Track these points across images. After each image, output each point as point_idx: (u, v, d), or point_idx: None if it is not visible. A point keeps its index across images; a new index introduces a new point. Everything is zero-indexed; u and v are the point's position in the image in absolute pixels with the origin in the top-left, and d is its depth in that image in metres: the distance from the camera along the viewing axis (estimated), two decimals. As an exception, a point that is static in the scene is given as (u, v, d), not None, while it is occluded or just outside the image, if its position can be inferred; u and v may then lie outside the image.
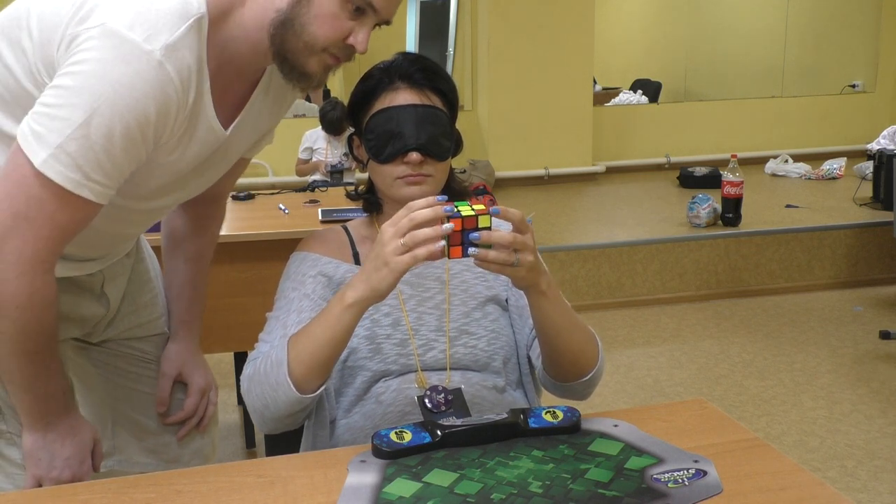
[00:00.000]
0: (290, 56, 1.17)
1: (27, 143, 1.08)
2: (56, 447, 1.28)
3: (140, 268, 1.54)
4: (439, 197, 1.12)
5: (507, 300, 1.46)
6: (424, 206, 1.11)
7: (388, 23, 1.22)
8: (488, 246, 1.12)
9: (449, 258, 1.12)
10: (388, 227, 1.13)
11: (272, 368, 1.23)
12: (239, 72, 1.24)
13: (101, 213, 1.18)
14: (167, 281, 1.59)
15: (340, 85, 7.35)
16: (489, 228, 1.12)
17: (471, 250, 1.11)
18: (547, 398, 1.48)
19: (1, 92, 1.17)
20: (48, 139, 1.07)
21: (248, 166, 1.54)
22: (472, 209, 1.12)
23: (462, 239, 1.11)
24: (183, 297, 1.57)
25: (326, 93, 7.04)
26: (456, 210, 1.11)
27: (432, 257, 1.10)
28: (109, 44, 1.06)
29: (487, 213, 1.12)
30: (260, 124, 1.36)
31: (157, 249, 1.61)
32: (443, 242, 1.10)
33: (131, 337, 1.53)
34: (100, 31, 1.07)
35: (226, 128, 1.25)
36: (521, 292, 1.40)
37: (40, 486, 1.29)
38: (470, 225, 1.11)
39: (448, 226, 1.10)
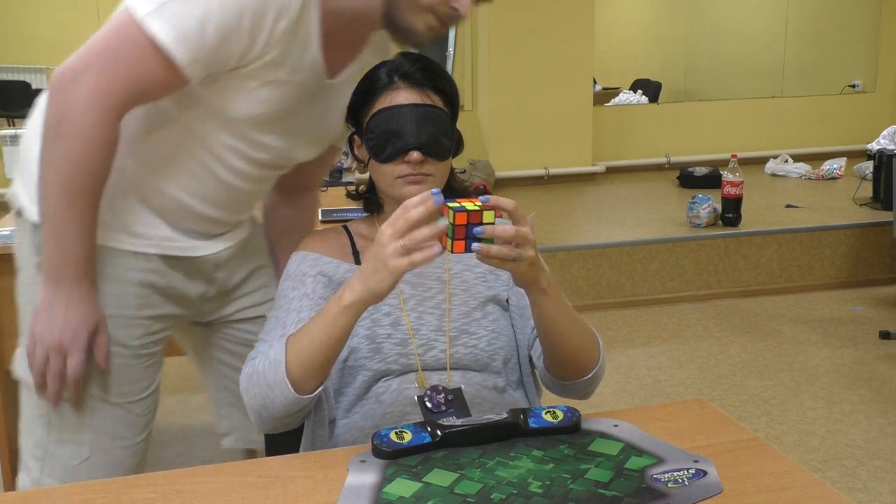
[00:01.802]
0: (397, 13, 1.27)
1: None
2: (58, 310, 1.30)
3: (253, 253, 1.62)
4: (433, 190, 1.12)
5: (507, 300, 1.46)
6: (419, 203, 1.11)
7: None
8: (490, 241, 1.12)
9: (452, 252, 1.12)
10: (387, 229, 1.12)
11: (270, 368, 1.23)
12: (347, 24, 1.34)
13: (218, 158, 1.35)
14: (277, 270, 1.66)
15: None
16: (493, 223, 1.12)
17: (474, 245, 1.11)
18: (547, 398, 1.48)
19: None
20: None
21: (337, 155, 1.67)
22: (475, 205, 1.11)
23: (465, 234, 1.11)
24: None
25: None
26: (459, 205, 1.10)
27: (428, 260, 1.10)
28: None
29: (491, 209, 1.11)
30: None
31: None
32: (438, 247, 1.10)
33: (244, 318, 1.60)
34: None
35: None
36: (522, 292, 1.41)
37: (34, 352, 1.33)
38: (475, 220, 1.11)
39: (443, 221, 1.10)
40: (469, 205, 1.11)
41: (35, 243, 1.35)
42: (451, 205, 1.10)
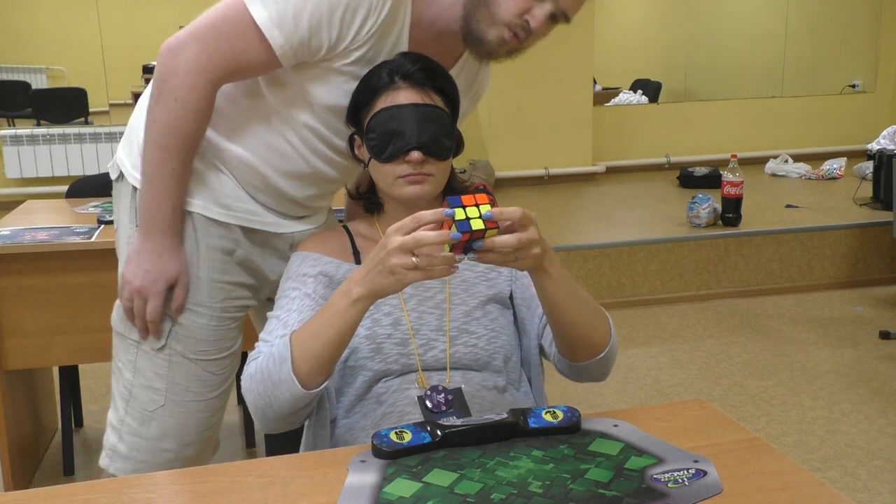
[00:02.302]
0: (474, 23, 1.36)
1: None
2: (144, 258, 1.45)
3: None
4: (447, 211, 1.11)
5: (511, 296, 1.46)
6: (432, 220, 1.11)
7: (566, 18, 1.39)
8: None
9: (450, 252, 1.13)
10: (395, 236, 1.12)
11: (275, 366, 1.23)
12: (436, 38, 1.43)
13: (302, 139, 1.45)
14: None
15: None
16: (493, 236, 1.14)
17: (469, 255, 1.14)
18: (548, 398, 1.48)
19: None
20: None
21: None
22: (481, 220, 1.12)
23: (466, 245, 1.13)
24: None
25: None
26: (466, 219, 1.11)
27: (443, 276, 1.13)
28: None
29: (494, 227, 1.12)
30: None
31: None
32: (455, 268, 1.14)
33: None
34: None
35: None
36: (526, 284, 1.42)
37: (123, 292, 1.47)
38: (478, 237, 1.12)
39: (461, 257, 1.13)
40: (474, 220, 1.11)
41: (134, 206, 1.50)
42: (456, 218, 1.11)
